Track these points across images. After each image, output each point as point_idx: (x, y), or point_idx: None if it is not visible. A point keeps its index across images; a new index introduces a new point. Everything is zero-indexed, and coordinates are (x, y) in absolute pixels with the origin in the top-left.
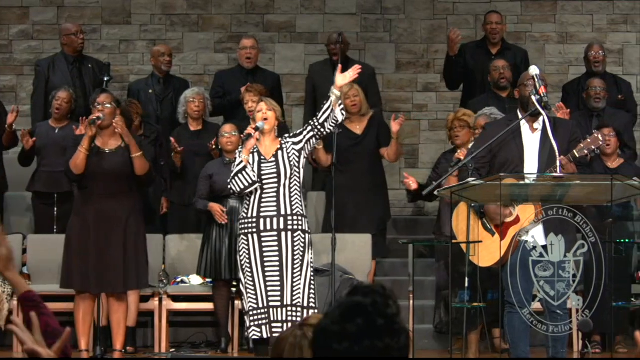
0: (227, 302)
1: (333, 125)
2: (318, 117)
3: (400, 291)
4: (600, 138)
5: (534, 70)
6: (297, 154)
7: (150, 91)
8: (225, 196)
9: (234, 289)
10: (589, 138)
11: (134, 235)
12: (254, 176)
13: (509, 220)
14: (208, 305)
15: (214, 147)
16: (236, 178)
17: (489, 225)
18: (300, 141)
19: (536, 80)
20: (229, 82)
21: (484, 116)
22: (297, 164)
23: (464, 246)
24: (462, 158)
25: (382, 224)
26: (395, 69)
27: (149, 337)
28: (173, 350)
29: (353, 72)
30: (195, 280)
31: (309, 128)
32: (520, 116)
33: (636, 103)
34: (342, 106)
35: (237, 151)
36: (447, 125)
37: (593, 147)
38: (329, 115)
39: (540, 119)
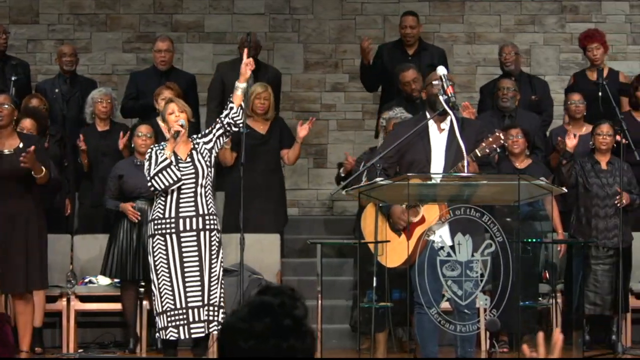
0: (135, 303)
1: (234, 123)
2: (224, 115)
3: (310, 291)
4: (502, 136)
5: (441, 70)
6: (209, 153)
7: (57, 90)
8: (135, 197)
9: (141, 289)
10: (491, 137)
11: (36, 235)
12: (179, 174)
13: (415, 220)
14: (116, 306)
15: (126, 143)
16: (160, 175)
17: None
18: (211, 140)
19: (444, 80)
20: (143, 83)
21: (396, 119)
22: (210, 164)
23: (372, 246)
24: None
25: (285, 223)
26: (303, 69)
27: (57, 337)
28: (81, 350)
29: (249, 65)
30: (103, 280)
31: (218, 126)
32: (428, 116)
33: (552, 102)
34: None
35: (148, 151)
36: (381, 125)
37: (495, 146)
38: (236, 112)
39: (448, 118)
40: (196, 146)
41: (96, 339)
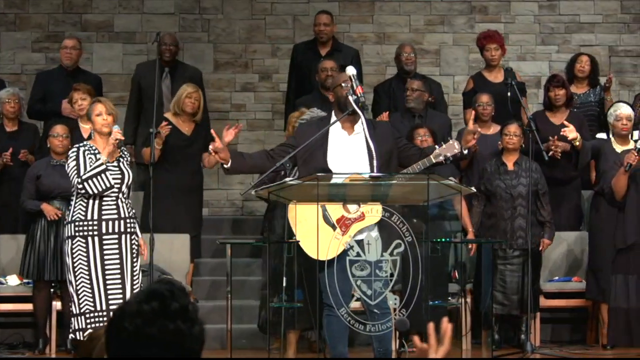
0: (47, 304)
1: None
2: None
3: (220, 291)
4: (457, 146)
5: (350, 70)
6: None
7: None
8: (52, 197)
9: (53, 290)
10: (445, 145)
11: None
12: (112, 181)
13: (352, 216)
14: (26, 306)
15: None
16: (95, 180)
17: (331, 220)
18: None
19: (353, 80)
20: (49, 83)
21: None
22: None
23: (301, 244)
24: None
25: (201, 224)
26: (213, 69)
27: None
28: None
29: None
30: (13, 280)
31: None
32: (334, 116)
33: (446, 104)
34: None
35: (73, 151)
36: (290, 123)
37: (448, 155)
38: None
39: (359, 120)
40: (124, 156)
41: (5, 339)
